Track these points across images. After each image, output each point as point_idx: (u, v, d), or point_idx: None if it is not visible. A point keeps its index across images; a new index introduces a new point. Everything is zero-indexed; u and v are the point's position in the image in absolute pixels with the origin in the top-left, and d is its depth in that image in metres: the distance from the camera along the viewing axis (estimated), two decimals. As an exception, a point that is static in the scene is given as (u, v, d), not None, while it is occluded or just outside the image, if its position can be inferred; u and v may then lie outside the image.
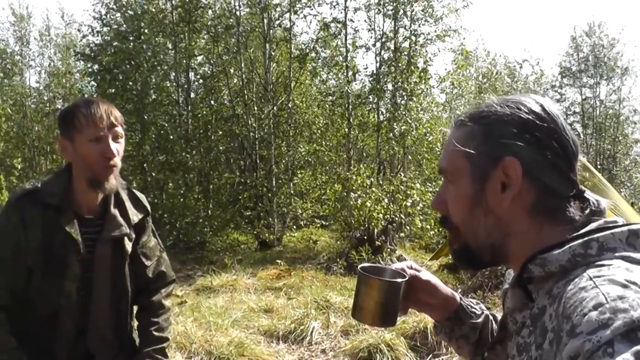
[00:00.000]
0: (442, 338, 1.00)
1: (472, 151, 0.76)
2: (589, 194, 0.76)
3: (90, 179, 1.50)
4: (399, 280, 0.90)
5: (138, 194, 1.70)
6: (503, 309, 0.83)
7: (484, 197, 0.75)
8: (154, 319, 1.69)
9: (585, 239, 0.69)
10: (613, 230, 0.69)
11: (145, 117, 10.40)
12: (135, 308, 1.74)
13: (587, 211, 0.74)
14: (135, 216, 1.63)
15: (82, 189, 1.52)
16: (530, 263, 0.71)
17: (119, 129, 1.51)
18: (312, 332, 4.33)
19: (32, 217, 1.46)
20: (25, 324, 1.52)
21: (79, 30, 12.36)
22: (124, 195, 1.62)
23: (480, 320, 0.96)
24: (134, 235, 1.63)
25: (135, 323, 1.76)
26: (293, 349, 4.21)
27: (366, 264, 0.96)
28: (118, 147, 1.50)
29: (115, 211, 1.58)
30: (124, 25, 10.76)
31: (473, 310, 0.97)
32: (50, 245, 1.47)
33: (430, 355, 3.91)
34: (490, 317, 0.98)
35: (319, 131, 11.73)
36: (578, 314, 0.59)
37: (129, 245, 1.61)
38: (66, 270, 1.50)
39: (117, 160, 1.50)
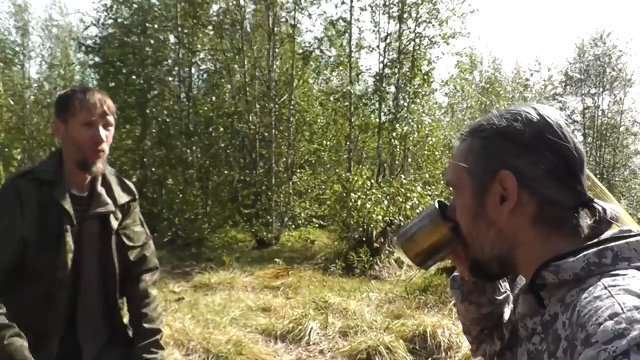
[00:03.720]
0: (454, 294, 0.99)
1: (471, 165, 0.78)
2: (598, 203, 0.75)
3: (79, 160, 1.59)
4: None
5: (127, 181, 1.78)
6: (514, 315, 0.83)
7: (485, 209, 0.76)
8: (142, 310, 1.71)
9: (600, 247, 0.69)
10: (628, 240, 0.68)
11: (147, 111, 10.39)
12: (124, 300, 1.77)
13: (593, 220, 0.73)
14: (121, 198, 1.70)
15: (72, 169, 1.61)
16: (543, 269, 0.71)
17: (110, 118, 1.61)
18: (310, 332, 4.31)
19: (27, 193, 1.54)
20: (19, 306, 1.54)
21: (82, 20, 12.33)
22: (112, 178, 1.71)
23: (501, 297, 0.97)
24: (120, 215, 1.70)
25: (127, 318, 1.78)
26: (291, 349, 4.20)
27: (443, 201, 0.91)
28: (107, 134, 1.60)
29: (102, 189, 1.67)
30: (129, 19, 10.75)
31: (499, 285, 0.97)
32: (45, 219, 1.54)
33: (429, 359, 3.90)
34: (510, 298, 0.98)
35: (320, 131, 11.71)
36: (593, 323, 0.59)
37: (114, 223, 1.68)
38: (60, 243, 1.55)
39: (105, 147, 1.60)
